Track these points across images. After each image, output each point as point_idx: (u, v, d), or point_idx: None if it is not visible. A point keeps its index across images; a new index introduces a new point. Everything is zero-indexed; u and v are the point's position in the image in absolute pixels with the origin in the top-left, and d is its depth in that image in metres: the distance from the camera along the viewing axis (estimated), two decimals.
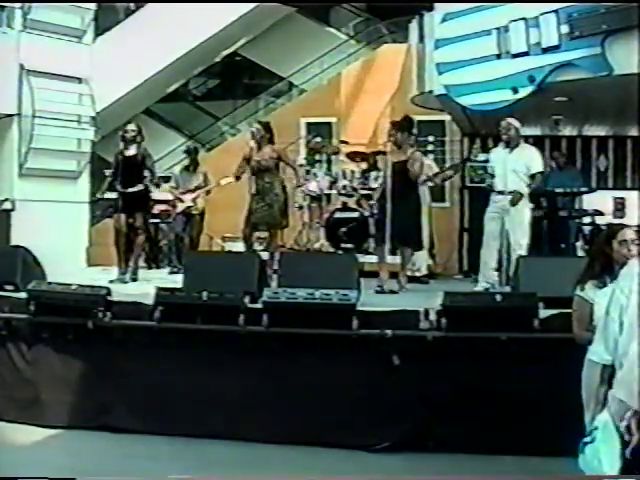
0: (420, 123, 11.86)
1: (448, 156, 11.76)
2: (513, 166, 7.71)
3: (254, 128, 8.58)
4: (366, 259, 8.86)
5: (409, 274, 9.19)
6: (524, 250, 7.58)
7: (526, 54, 7.97)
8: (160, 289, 6.60)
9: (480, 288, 7.72)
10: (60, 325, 6.66)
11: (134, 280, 8.64)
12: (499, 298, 6.20)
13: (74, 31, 10.77)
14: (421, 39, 9.68)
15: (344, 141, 11.31)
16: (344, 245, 9.99)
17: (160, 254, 11.02)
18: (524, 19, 7.95)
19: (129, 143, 8.56)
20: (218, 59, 17.53)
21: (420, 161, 8.20)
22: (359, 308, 6.27)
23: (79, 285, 6.76)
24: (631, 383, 3.03)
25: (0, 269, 7.35)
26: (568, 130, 11.23)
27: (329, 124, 12.96)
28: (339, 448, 5.95)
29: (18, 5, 10.27)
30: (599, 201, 10.10)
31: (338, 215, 10.23)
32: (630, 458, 3.01)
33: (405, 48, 11.25)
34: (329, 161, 10.81)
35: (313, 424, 6.15)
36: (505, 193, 7.67)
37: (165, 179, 10.90)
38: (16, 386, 6.78)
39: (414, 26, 10.03)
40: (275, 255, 8.26)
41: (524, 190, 7.70)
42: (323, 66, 16.34)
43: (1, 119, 10.31)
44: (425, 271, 9.58)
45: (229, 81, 18.95)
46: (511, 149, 7.80)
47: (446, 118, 11.58)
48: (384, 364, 6.07)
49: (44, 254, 7.70)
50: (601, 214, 9.92)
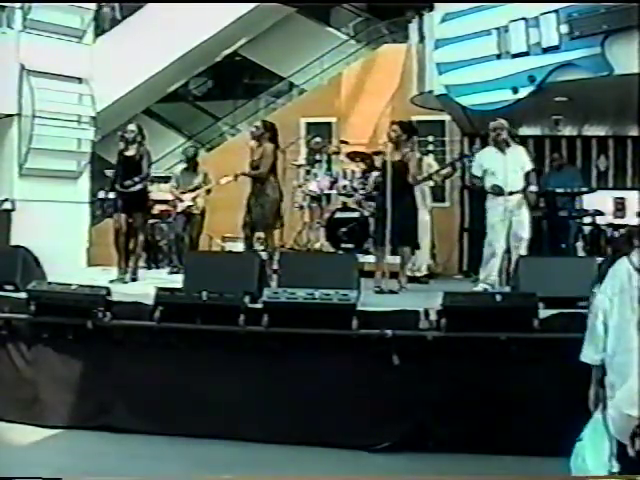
0: (420, 123, 11.90)
1: (448, 156, 11.76)
2: (512, 166, 7.69)
3: (256, 125, 8.55)
4: (366, 259, 8.86)
5: (409, 274, 9.20)
6: (524, 249, 7.57)
7: (526, 54, 7.99)
8: (160, 289, 6.60)
9: (480, 288, 7.72)
10: (60, 325, 6.65)
11: (134, 280, 8.65)
12: (499, 298, 6.20)
13: (74, 31, 10.77)
14: (421, 39, 9.70)
15: (344, 141, 11.31)
16: (344, 245, 9.99)
17: (160, 254, 11.02)
18: (524, 19, 7.96)
19: (129, 143, 8.56)
20: (218, 59, 17.54)
21: (414, 160, 8.20)
22: (359, 308, 6.26)
23: (79, 285, 6.76)
24: (635, 397, 3.01)
25: (0, 269, 7.35)
26: (568, 130, 11.24)
27: (329, 124, 12.96)
28: (339, 448, 5.95)
29: (18, 5, 10.26)
30: (599, 201, 10.11)
31: (338, 215, 10.23)
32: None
33: (405, 48, 11.27)
34: (329, 161, 10.79)
35: (313, 424, 6.15)
36: (508, 194, 7.63)
37: (165, 179, 10.91)
38: (16, 386, 6.77)
39: (414, 26, 10.05)
40: (273, 255, 8.27)
41: (520, 187, 7.67)
42: (323, 66, 16.34)
43: (1, 119, 10.31)
44: (425, 271, 9.58)
45: (229, 81, 18.96)
46: (503, 150, 7.76)
47: (446, 118, 11.59)
48: (384, 364, 6.07)
49: (44, 254, 7.70)
50: (601, 214, 9.93)
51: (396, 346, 6.08)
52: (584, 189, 9.67)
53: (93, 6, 10.98)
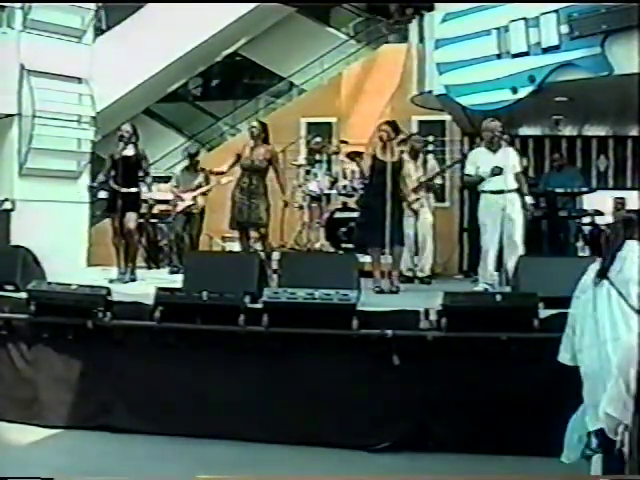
0: (420, 123, 11.92)
1: (448, 156, 11.76)
2: (505, 167, 7.66)
3: (254, 125, 8.54)
4: (366, 259, 8.85)
5: (411, 274, 9.20)
6: (521, 249, 7.57)
7: (526, 54, 7.98)
8: (160, 289, 6.60)
9: (480, 288, 7.72)
10: (60, 325, 6.65)
11: (134, 280, 8.64)
12: (499, 298, 6.20)
13: (74, 31, 10.75)
14: (421, 39, 9.69)
15: (344, 141, 11.31)
16: (344, 245, 9.99)
17: (160, 254, 11.02)
18: (524, 19, 7.96)
19: (126, 144, 8.56)
20: (218, 59, 17.54)
21: (408, 161, 8.20)
22: (359, 308, 6.27)
23: (79, 285, 6.76)
24: (619, 397, 3.03)
25: (0, 269, 7.35)
26: (568, 130, 11.23)
27: (329, 124, 12.96)
28: (339, 448, 5.95)
29: (18, 5, 10.25)
30: (599, 201, 10.12)
31: (338, 215, 10.23)
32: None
33: (405, 48, 11.26)
34: (329, 161, 10.80)
35: (313, 424, 6.15)
36: (505, 192, 7.62)
37: (165, 179, 10.91)
38: (16, 386, 6.78)
39: (414, 26, 10.04)
40: (271, 255, 8.26)
41: (515, 186, 7.67)
42: (323, 66, 16.33)
43: (1, 119, 10.30)
44: (428, 272, 9.59)
45: (229, 81, 18.96)
46: (495, 150, 7.74)
47: (446, 118, 11.58)
48: (384, 364, 6.07)
49: (44, 254, 7.70)
50: (601, 214, 9.94)
51: (396, 346, 6.08)
52: (584, 189, 9.67)
53: (93, 6, 10.97)
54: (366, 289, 7.15)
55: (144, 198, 9.08)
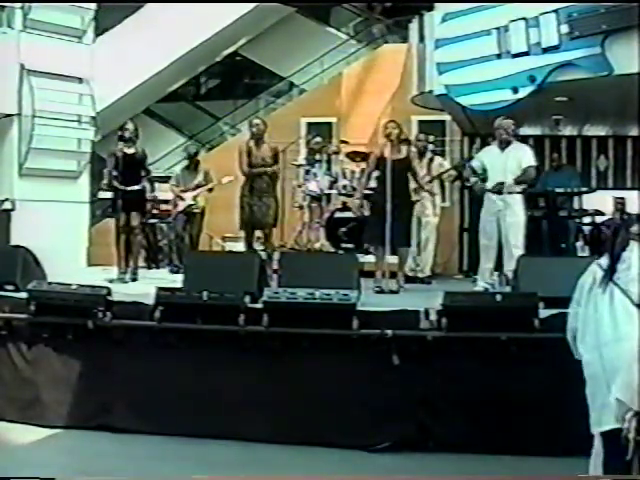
0: (420, 123, 11.93)
1: (448, 156, 11.76)
2: (509, 166, 7.66)
3: (257, 122, 8.52)
4: (366, 259, 8.86)
5: (412, 274, 9.20)
6: (521, 250, 7.57)
7: (526, 54, 7.99)
8: (160, 289, 6.60)
9: (480, 288, 7.72)
10: (60, 325, 6.65)
11: (134, 280, 8.65)
12: (499, 298, 6.20)
13: (74, 31, 10.76)
14: (421, 39, 9.70)
15: (344, 141, 11.31)
16: (344, 245, 9.99)
17: (160, 254, 11.02)
18: (524, 19, 7.96)
19: (128, 142, 8.56)
20: (218, 59, 17.55)
21: (416, 159, 8.20)
22: (359, 308, 6.26)
23: (79, 285, 6.75)
24: (629, 384, 3.04)
25: (0, 269, 7.34)
26: (568, 130, 11.24)
27: (329, 124, 12.97)
28: (339, 448, 5.95)
29: (18, 5, 10.26)
30: (599, 201, 10.10)
31: (338, 215, 10.23)
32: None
33: (405, 48, 11.27)
34: (329, 161, 10.79)
35: (313, 424, 6.15)
36: (504, 193, 7.63)
37: (165, 179, 10.91)
38: (16, 386, 6.77)
39: (414, 26, 10.04)
40: (273, 255, 8.26)
41: (517, 188, 7.67)
42: (323, 66, 16.35)
43: (1, 119, 10.31)
44: (429, 272, 9.59)
45: (229, 81, 18.98)
46: (503, 149, 7.74)
47: (446, 118, 11.59)
48: (384, 364, 6.07)
49: (44, 254, 7.70)
50: (601, 214, 9.93)
51: (396, 346, 6.08)
52: (584, 189, 9.66)
53: (93, 6, 10.97)
54: (366, 289, 7.15)
55: (148, 197, 9.11)
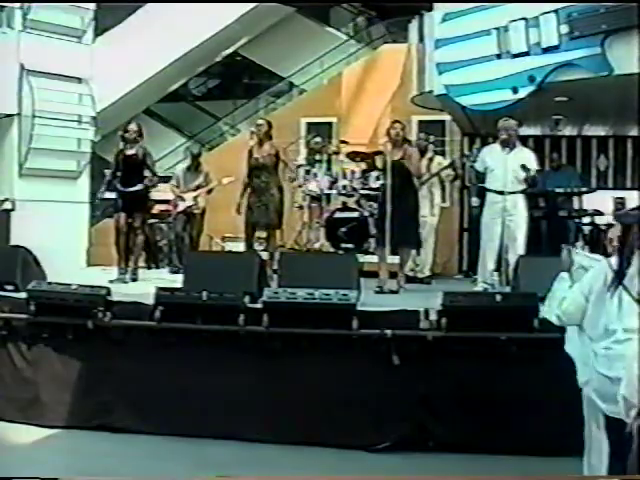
0: (420, 123, 11.93)
1: (448, 156, 11.75)
2: (513, 167, 7.67)
3: (260, 123, 8.52)
4: (366, 259, 8.86)
5: (411, 275, 9.20)
6: (520, 248, 7.58)
7: (526, 54, 7.98)
8: (160, 289, 6.60)
9: (479, 288, 7.72)
10: (60, 325, 6.65)
11: (134, 280, 8.65)
12: (499, 298, 6.19)
13: (74, 31, 10.77)
14: (421, 39, 9.69)
15: (344, 141, 11.30)
16: (344, 245, 9.98)
17: (160, 254, 11.02)
18: (524, 19, 7.96)
19: (130, 142, 8.57)
20: (218, 59, 17.56)
21: (416, 157, 8.20)
22: (359, 308, 6.26)
23: (79, 285, 6.75)
24: (631, 381, 3.04)
25: (0, 269, 7.35)
26: (568, 130, 11.23)
27: (329, 124, 12.97)
28: (339, 448, 5.95)
29: (18, 5, 10.26)
30: (599, 201, 10.10)
31: (338, 215, 10.22)
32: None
33: (405, 48, 11.27)
34: (329, 161, 10.79)
35: (313, 424, 6.14)
36: (505, 194, 7.63)
37: (166, 179, 10.91)
38: (16, 386, 6.77)
39: (414, 26, 10.04)
40: (274, 255, 8.26)
41: (517, 188, 7.67)
42: (323, 66, 16.37)
43: (1, 119, 10.31)
44: (428, 272, 9.59)
45: (229, 81, 18.99)
46: (510, 150, 7.74)
47: (446, 118, 11.59)
48: (384, 364, 6.07)
49: (44, 254, 7.70)
50: (601, 214, 9.92)
51: (396, 346, 6.08)
52: (584, 189, 9.66)
53: (93, 6, 10.98)
54: (366, 289, 7.15)
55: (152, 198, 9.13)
